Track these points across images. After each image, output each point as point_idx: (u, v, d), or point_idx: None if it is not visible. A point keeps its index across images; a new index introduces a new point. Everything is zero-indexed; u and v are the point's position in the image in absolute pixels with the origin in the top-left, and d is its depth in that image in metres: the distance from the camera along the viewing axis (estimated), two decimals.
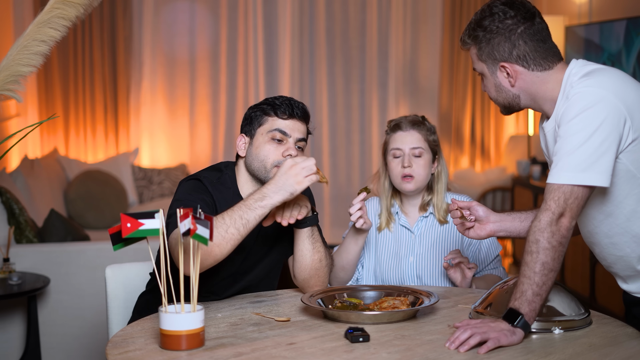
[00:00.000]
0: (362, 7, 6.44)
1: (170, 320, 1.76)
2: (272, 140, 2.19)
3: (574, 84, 1.87)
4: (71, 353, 3.79)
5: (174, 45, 6.28)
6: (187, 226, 1.75)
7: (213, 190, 2.20)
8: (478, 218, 2.12)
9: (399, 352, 1.74)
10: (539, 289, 1.77)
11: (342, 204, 6.51)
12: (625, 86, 1.86)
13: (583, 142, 1.79)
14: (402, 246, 2.48)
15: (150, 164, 6.29)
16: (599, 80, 1.85)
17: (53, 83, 6.00)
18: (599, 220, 1.97)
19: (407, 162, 2.42)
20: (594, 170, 1.79)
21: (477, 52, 1.97)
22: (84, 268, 3.75)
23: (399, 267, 2.46)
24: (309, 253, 2.23)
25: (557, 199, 1.80)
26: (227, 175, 2.27)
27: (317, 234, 2.25)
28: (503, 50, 1.92)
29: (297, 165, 1.99)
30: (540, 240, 1.78)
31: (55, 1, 2.24)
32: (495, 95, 1.99)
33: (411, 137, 2.44)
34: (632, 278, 2.03)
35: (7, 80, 2.25)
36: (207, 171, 2.28)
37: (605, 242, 1.99)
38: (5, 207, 3.86)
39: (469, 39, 1.97)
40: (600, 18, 5.25)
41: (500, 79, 1.96)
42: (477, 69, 2.01)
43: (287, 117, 2.20)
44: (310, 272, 2.24)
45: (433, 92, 6.52)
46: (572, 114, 1.82)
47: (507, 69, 1.93)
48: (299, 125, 2.21)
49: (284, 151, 2.18)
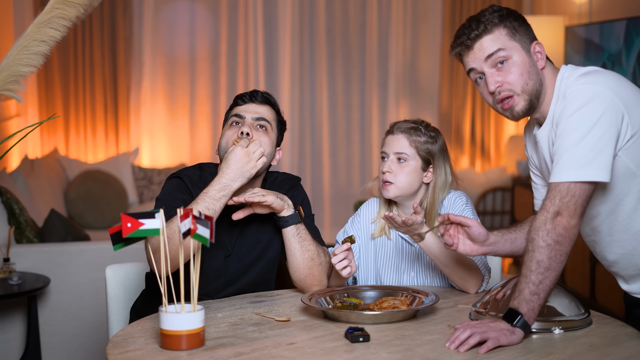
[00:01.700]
0: (362, 7, 6.44)
1: (170, 320, 1.76)
2: (231, 125, 2.27)
3: (569, 84, 1.89)
4: (71, 353, 3.79)
5: (174, 45, 6.29)
6: (188, 226, 1.75)
7: (193, 188, 2.23)
8: (473, 238, 2.01)
9: (399, 352, 1.74)
10: (535, 288, 1.77)
11: (342, 204, 6.51)
12: (621, 84, 1.87)
13: (582, 138, 1.80)
14: (403, 260, 2.41)
15: (150, 164, 6.30)
16: (595, 79, 1.86)
17: (53, 83, 6.00)
18: (600, 219, 1.97)
19: (387, 167, 2.32)
20: (594, 166, 1.79)
21: (508, 32, 1.91)
22: (84, 268, 3.75)
23: (400, 282, 2.41)
24: (298, 252, 2.23)
25: (552, 197, 1.80)
26: (209, 172, 2.30)
27: (304, 233, 2.25)
28: (532, 32, 1.96)
29: (249, 151, 2.12)
30: (536, 238, 1.78)
31: (55, 1, 2.24)
32: (527, 78, 1.91)
33: (397, 142, 2.33)
34: (633, 278, 2.03)
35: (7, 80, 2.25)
36: (190, 169, 2.33)
37: (607, 241, 2.00)
38: (5, 207, 3.86)
39: (497, 19, 1.91)
40: (600, 18, 5.25)
41: (534, 59, 1.94)
42: (504, 51, 1.90)
43: (245, 102, 2.29)
44: (304, 272, 2.24)
45: (433, 92, 6.52)
46: (570, 111, 1.83)
47: (539, 48, 1.94)
48: (254, 107, 2.28)
49: (237, 130, 2.23)
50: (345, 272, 2.18)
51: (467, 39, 1.93)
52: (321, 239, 2.36)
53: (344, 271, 2.18)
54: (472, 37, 1.92)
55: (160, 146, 6.35)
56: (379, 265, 2.43)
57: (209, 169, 2.32)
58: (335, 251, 2.21)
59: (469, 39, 1.93)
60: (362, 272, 2.47)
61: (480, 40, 1.92)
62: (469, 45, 1.94)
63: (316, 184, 6.55)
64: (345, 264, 2.18)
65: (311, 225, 2.35)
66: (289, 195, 2.30)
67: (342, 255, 2.18)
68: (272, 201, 2.17)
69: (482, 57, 1.92)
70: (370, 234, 2.46)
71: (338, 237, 2.47)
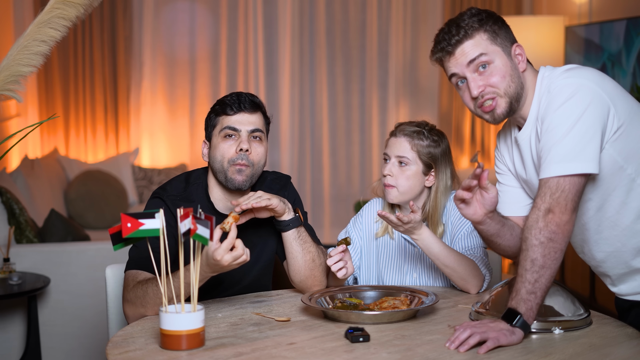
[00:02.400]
0: (362, 7, 6.44)
1: (170, 320, 1.76)
2: (225, 138, 2.21)
3: (552, 81, 1.90)
4: (71, 353, 3.79)
5: (174, 45, 6.28)
6: (187, 226, 1.75)
7: (173, 206, 2.19)
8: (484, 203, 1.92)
9: (399, 352, 1.74)
10: (532, 287, 1.77)
11: (342, 204, 6.51)
12: (603, 78, 1.89)
13: (568, 132, 1.80)
14: (405, 260, 2.41)
15: (150, 164, 6.29)
16: (579, 72, 1.88)
17: (53, 83, 6.00)
18: (588, 216, 1.96)
19: (388, 170, 2.32)
20: (582, 158, 1.79)
21: (489, 37, 1.92)
22: (84, 268, 3.75)
23: (402, 283, 2.40)
24: (299, 255, 2.22)
25: (542, 195, 1.80)
26: (194, 188, 2.27)
27: (305, 235, 2.24)
28: (512, 35, 1.96)
29: (235, 256, 1.92)
30: (529, 237, 1.78)
31: (55, 1, 2.24)
32: (509, 81, 1.92)
33: (399, 146, 2.33)
34: (622, 277, 2.01)
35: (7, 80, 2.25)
36: (176, 182, 2.30)
37: (595, 238, 1.99)
38: (5, 207, 3.86)
39: (477, 24, 1.92)
40: (600, 18, 5.25)
41: (515, 61, 1.94)
42: (485, 56, 1.91)
43: (235, 112, 2.21)
44: (305, 273, 2.24)
45: (433, 92, 6.52)
46: (555, 105, 1.84)
47: (520, 50, 1.95)
48: (247, 117, 2.22)
49: (237, 147, 2.19)
50: (340, 274, 2.19)
51: (448, 44, 1.94)
52: (317, 238, 2.36)
53: (340, 273, 2.19)
54: (453, 43, 1.93)
55: (160, 146, 6.34)
56: (381, 266, 2.43)
57: (195, 181, 2.29)
58: (330, 252, 2.21)
59: (449, 45, 1.94)
60: (364, 272, 2.47)
61: (462, 46, 1.93)
62: (450, 51, 1.95)
63: (316, 184, 6.55)
64: (341, 266, 2.19)
65: (305, 224, 2.35)
66: (280, 194, 2.30)
67: (337, 257, 2.19)
68: (277, 204, 2.16)
69: (464, 62, 1.93)
70: (374, 234, 2.46)
71: (339, 238, 2.47)
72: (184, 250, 1.85)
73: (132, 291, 2.10)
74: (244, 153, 2.19)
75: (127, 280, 2.15)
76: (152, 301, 2.05)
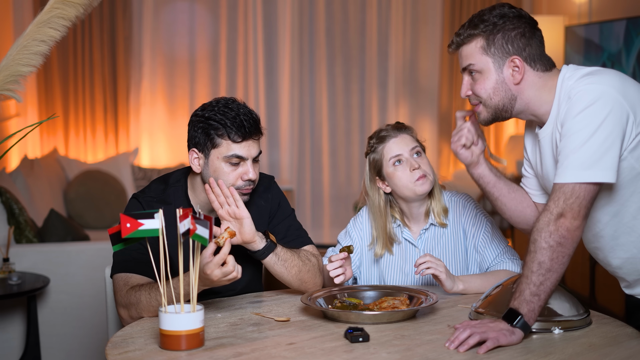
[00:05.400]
0: (362, 7, 6.44)
1: (170, 320, 1.75)
2: (229, 164, 2.15)
3: (574, 85, 1.88)
4: (71, 353, 3.79)
5: (174, 45, 6.28)
6: (187, 226, 1.75)
7: (148, 208, 2.19)
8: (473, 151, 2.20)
9: (399, 352, 1.74)
10: (536, 289, 1.77)
11: (342, 204, 6.51)
12: (625, 83, 1.87)
13: (587, 139, 1.79)
14: (407, 262, 2.40)
15: (150, 164, 6.29)
16: (600, 78, 1.86)
17: (53, 83, 6.00)
18: (604, 223, 1.96)
19: (416, 163, 2.34)
20: (600, 167, 1.78)
21: (483, 45, 1.94)
22: (84, 268, 3.75)
23: (404, 283, 2.40)
24: (284, 274, 2.21)
25: (556, 199, 1.80)
26: (172, 190, 2.26)
27: (284, 253, 2.20)
28: (518, 44, 1.94)
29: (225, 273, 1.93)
30: (538, 240, 1.78)
31: (55, 1, 2.23)
32: (491, 94, 1.96)
33: (405, 140, 2.38)
34: (639, 282, 2.02)
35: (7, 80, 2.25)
36: (155, 184, 2.30)
37: (610, 245, 1.98)
38: (5, 207, 3.86)
39: (476, 30, 1.95)
40: (600, 18, 5.25)
41: (505, 75, 1.95)
42: (474, 66, 1.97)
43: (242, 139, 2.13)
44: (295, 284, 2.25)
45: (433, 92, 6.52)
46: (575, 111, 1.82)
47: (517, 63, 1.93)
48: (252, 143, 2.16)
49: (243, 174, 2.15)
50: (338, 280, 2.21)
51: (453, 42, 2.02)
52: (306, 236, 2.35)
53: (338, 279, 2.21)
54: (456, 44, 2.01)
55: (160, 146, 6.34)
56: (382, 266, 2.43)
57: (175, 183, 2.28)
58: (331, 257, 2.22)
59: (453, 43, 2.02)
60: (365, 272, 2.47)
61: (460, 50, 2.01)
62: (455, 50, 2.03)
63: (316, 184, 6.55)
64: (340, 272, 2.21)
65: (293, 224, 2.33)
66: (263, 196, 2.29)
67: (337, 263, 2.21)
68: (246, 240, 2.13)
69: (461, 66, 2.03)
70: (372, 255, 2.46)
71: (339, 238, 2.48)
72: (183, 250, 1.85)
73: (125, 297, 2.10)
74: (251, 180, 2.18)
75: (119, 285, 2.15)
76: (146, 308, 2.06)
